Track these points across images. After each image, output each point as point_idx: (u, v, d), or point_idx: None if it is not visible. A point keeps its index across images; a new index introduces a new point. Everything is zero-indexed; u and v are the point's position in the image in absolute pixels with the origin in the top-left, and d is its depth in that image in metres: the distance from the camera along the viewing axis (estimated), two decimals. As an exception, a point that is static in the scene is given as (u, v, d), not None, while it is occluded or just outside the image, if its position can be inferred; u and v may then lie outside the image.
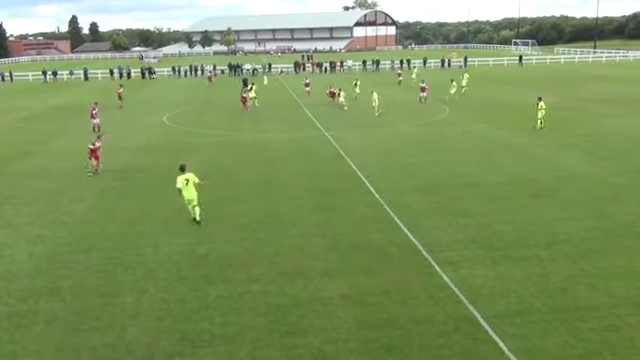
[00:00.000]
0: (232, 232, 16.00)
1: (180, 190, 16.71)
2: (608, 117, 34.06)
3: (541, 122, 30.35)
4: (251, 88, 43.58)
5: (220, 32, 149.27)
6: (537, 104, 30.80)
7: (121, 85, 47.44)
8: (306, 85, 49.82)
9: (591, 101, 41.11)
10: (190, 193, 16.63)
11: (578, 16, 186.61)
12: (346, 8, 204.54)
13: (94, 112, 33.06)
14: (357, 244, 14.86)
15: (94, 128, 32.54)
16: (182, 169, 16.93)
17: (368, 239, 15.13)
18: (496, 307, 11.42)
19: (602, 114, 35.31)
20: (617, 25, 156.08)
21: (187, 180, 16.60)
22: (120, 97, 44.63)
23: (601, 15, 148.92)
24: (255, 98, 42.73)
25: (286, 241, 15.19)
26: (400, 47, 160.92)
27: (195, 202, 16.72)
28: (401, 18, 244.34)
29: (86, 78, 75.71)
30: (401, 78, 58.37)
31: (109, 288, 12.87)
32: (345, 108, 39.07)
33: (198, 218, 16.77)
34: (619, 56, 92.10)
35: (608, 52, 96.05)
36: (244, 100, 40.92)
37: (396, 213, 17.07)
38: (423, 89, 42.20)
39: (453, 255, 13.94)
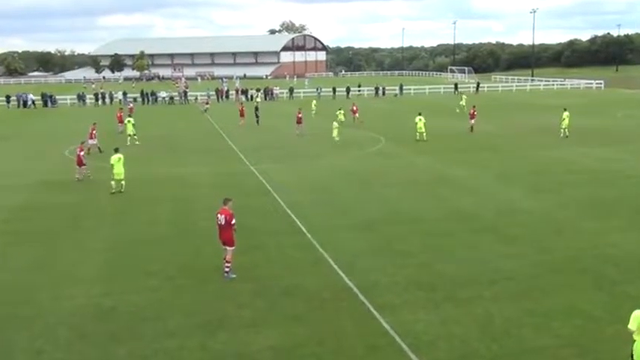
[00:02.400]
0: (144, 280, 15.54)
1: None
2: (547, 147, 35.88)
3: (565, 131, 38.20)
4: (129, 122, 40.59)
5: (132, 56, 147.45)
6: (562, 114, 38.82)
7: (121, 109, 50.14)
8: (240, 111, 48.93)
9: (530, 131, 43.24)
10: None
11: (515, 43, 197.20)
12: (272, 32, 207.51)
13: (94, 132, 35.87)
14: (287, 289, 14.76)
15: (88, 150, 33.31)
16: None
17: (299, 283, 15.06)
18: (439, 353, 11.57)
19: (542, 144, 37.15)
20: (553, 52, 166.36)
21: None
22: (121, 121, 44.26)
23: (537, 42, 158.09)
24: (134, 135, 39.77)
25: (207, 288, 14.88)
26: (331, 74, 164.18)
27: None
28: (331, 43, 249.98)
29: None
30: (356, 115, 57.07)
31: (-2, 350, 12.12)
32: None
33: None
34: (557, 84, 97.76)
35: (546, 81, 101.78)
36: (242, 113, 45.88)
37: (330, 254, 17.13)
38: (472, 115, 42.98)
39: (392, 298, 14.07)
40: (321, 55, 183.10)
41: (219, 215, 15.52)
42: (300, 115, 43.12)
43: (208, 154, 36.04)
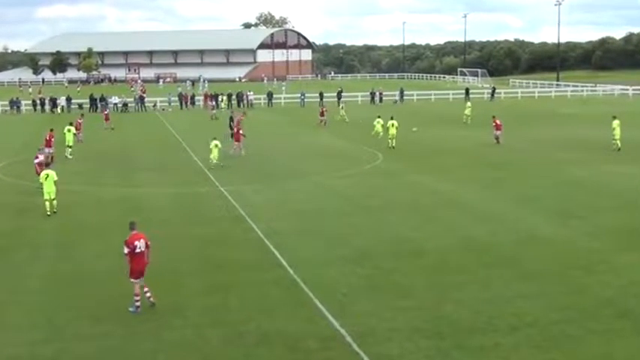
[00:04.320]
0: (92, 325, 15.39)
1: None
2: (575, 164, 36.15)
3: (617, 143, 39.80)
4: (69, 131, 41.25)
5: (78, 54, 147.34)
6: (612, 123, 40.37)
7: (82, 115, 52.28)
8: None
9: (555, 145, 43.57)
10: None
11: (537, 41, 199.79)
12: (247, 26, 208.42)
13: (52, 140, 37.73)
14: (265, 336, 14.68)
15: (47, 158, 34.46)
16: None
17: (279, 329, 14.99)
18: (448, 414, 11.53)
19: (569, 161, 37.44)
20: (582, 52, 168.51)
21: None
22: (78, 128, 46.01)
23: (563, 40, 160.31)
24: (70, 147, 40.80)
25: (167, 335, 14.78)
26: (318, 76, 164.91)
27: None
28: (318, 39, 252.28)
29: None
30: (324, 117, 57.48)
31: None
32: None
33: None
34: (586, 90, 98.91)
35: (574, 86, 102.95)
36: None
37: (317, 293, 17.07)
38: (497, 126, 43.54)
39: (391, 348, 14.03)
40: (306, 54, 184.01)
41: (136, 242, 16.04)
42: (239, 130, 40.71)
43: (169, 171, 35.92)
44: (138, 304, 16.00)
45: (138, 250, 16.02)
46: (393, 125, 42.39)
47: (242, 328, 15.12)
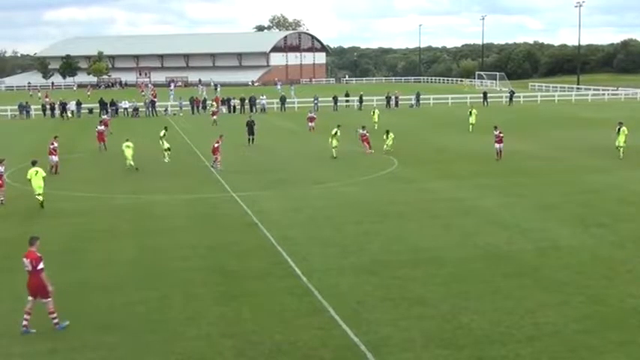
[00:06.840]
0: (100, 335, 15.45)
1: None
2: (597, 171, 35.98)
3: (621, 150, 39.15)
4: (164, 135, 42.84)
5: (88, 57, 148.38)
6: (618, 129, 39.99)
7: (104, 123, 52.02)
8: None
9: (576, 150, 43.42)
10: None
11: (556, 43, 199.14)
12: (260, 29, 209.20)
13: (51, 147, 36.93)
14: (278, 346, 14.69)
15: (52, 168, 36.33)
16: None
17: (293, 339, 15.00)
18: None
19: (591, 167, 37.27)
20: (604, 55, 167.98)
21: None
22: (102, 140, 48.16)
23: (583, 43, 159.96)
24: (168, 150, 41.90)
25: (179, 345, 14.82)
26: (332, 80, 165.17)
27: None
28: (333, 42, 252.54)
29: None
30: (312, 124, 57.39)
31: None
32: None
33: None
34: (608, 94, 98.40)
35: (595, 89, 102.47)
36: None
37: (331, 302, 17.07)
38: (499, 139, 40.24)
39: (406, 357, 14.03)
40: (320, 57, 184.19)
41: (24, 259, 15.69)
42: (217, 145, 38.80)
43: (180, 177, 36.02)
44: (55, 320, 15.55)
45: (25, 269, 15.60)
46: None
47: (255, 338, 15.14)
